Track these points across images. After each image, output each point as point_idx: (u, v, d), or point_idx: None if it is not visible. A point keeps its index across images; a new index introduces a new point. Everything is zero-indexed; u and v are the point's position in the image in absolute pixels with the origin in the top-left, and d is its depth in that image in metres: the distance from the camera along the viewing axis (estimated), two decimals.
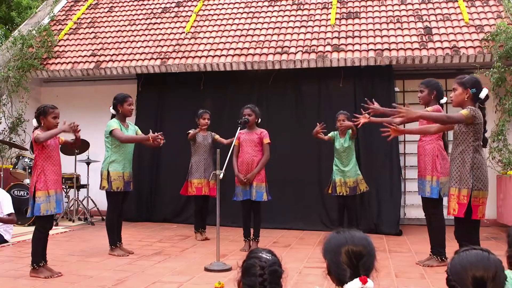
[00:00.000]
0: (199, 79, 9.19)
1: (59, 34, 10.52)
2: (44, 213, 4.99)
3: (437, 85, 5.69)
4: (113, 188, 6.09)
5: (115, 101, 6.32)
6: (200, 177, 7.20)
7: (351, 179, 6.91)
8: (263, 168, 6.42)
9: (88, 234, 7.55)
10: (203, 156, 7.28)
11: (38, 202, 4.97)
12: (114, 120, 6.23)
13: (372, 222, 7.96)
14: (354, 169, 6.97)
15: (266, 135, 6.50)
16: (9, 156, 9.87)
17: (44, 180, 5.03)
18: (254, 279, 2.10)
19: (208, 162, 7.30)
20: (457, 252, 1.98)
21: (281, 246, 6.75)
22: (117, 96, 6.38)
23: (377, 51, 8.27)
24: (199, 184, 7.19)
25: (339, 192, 6.91)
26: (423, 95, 5.66)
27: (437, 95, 5.64)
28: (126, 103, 6.28)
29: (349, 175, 6.90)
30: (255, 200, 6.34)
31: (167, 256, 6.07)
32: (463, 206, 4.33)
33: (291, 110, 8.83)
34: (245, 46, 9.01)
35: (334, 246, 2.08)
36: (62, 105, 9.67)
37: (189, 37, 9.61)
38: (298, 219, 8.28)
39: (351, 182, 6.90)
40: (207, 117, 7.34)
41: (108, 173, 6.09)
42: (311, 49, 8.59)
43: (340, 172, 6.93)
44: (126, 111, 6.29)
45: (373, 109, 5.34)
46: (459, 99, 4.48)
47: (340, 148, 6.95)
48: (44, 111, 5.10)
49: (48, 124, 5.08)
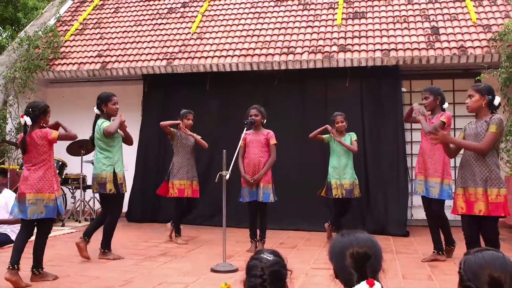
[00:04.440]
0: (205, 80, 9.21)
1: (65, 35, 10.57)
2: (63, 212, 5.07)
3: (440, 91, 5.97)
4: (124, 190, 6.02)
5: (99, 100, 6.06)
6: (182, 178, 7.04)
7: (348, 181, 6.89)
8: (270, 169, 6.42)
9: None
10: (186, 156, 7.12)
11: (59, 203, 4.95)
12: (104, 120, 5.99)
13: (378, 223, 7.94)
14: (351, 172, 6.96)
15: (273, 136, 6.49)
16: (16, 157, 9.93)
17: (57, 180, 5.01)
18: (254, 280, 2.11)
19: (191, 163, 7.15)
20: (470, 253, 1.96)
21: (287, 247, 6.75)
22: (100, 95, 6.13)
23: (384, 51, 8.26)
24: (181, 186, 7.03)
25: (335, 195, 6.88)
26: (429, 102, 5.88)
27: (441, 101, 5.89)
28: (110, 102, 6.03)
29: (346, 177, 6.89)
30: (261, 202, 6.34)
31: (173, 257, 6.07)
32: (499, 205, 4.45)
33: (297, 110, 8.83)
34: (251, 46, 9.02)
35: (338, 250, 2.08)
36: (68, 105, 9.80)
37: (195, 37, 9.63)
38: (304, 220, 8.26)
39: (348, 185, 6.88)
40: (191, 118, 7.21)
41: (114, 175, 5.94)
42: (317, 49, 8.59)
43: (336, 173, 6.91)
44: (111, 110, 6.04)
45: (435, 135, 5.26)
46: (477, 105, 4.67)
47: (340, 149, 6.94)
48: (45, 110, 5.00)
49: (45, 123, 5.02)
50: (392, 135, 8.32)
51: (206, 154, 8.41)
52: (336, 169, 6.95)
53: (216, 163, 7.63)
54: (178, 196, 7.03)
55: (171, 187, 7.05)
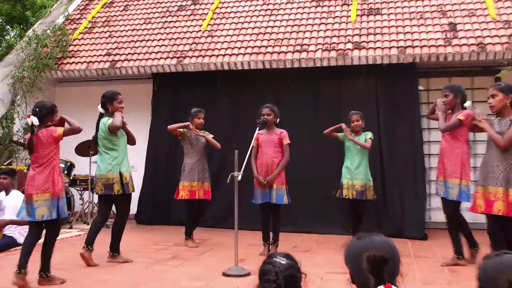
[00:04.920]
0: (216, 78, 9.18)
1: (74, 34, 10.61)
2: (64, 215, 5.00)
3: (461, 89, 5.88)
4: (131, 190, 5.98)
5: (104, 99, 6.03)
6: (193, 180, 7.03)
7: (360, 182, 6.85)
8: (283, 169, 6.38)
9: (102, 237, 7.54)
10: (197, 157, 7.10)
11: (62, 204, 4.92)
12: (107, 119, 5.97)
13: (395, 226, 7.85)
14: (365, 172, 6.92)
15: (286, 135, 6.45)
16: (24, 157, 9.98)
17: (61, 180, 4.99)
18: (268, 285, 2.09)
19: (203, 164, 7.14)
20: (489, 257, 1.93)
21: (301, 250, 6.69)
22: (105, 93, 6.10)
23: (400, 48, 8.18)
24: (193, 187, 7.01)
25: (345, 195, 6.88)
26: (449, 100, 5.80)
27: (462, 99, 5.81)
28: (116, 101, 6.00)
29: (358, 178, 6.86)
30: (275, 203, 6.30)
31: (184, 260, 6.05)
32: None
33: (310, 109, 8.77)
34: (263, 44, 8.98)
35: (354, 253, 2.05)
36: (77, 105, 9.82)
37: (205, 35, 9.62)
38: (319, 222, 8.21)
39: (359, 186, 6.84)
40: (202, 117, 7.18)
41: (121, 175, 5.91)
42: (331, 47, 8.54)
43: (349, 173, 6.90)
44: (116, 109, 6.00)
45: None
46: (501, 105, 4.75)
47: (354, 148, 6.92)
48: (52, 110, 5.01)
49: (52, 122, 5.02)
50: (409, 134, 8.23)
51: (217, 154, 8.39)
52: (349, 169, 6.93)
53: (228, 164, 7.61)
54: (189, 198, 7.01)
55: (181, 189, 7.03)
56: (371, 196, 6.98)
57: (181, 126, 7.07)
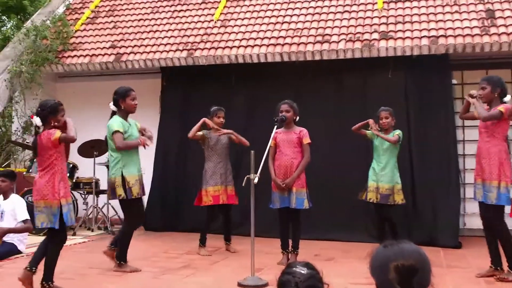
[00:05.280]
0: (229, 72, 9.23)
1: (75, 24, 10.72)
2: (70, 223, 5.05)
3: (501, 82, 5.76)
4: (134, 195, 6.01)
5: (116, 95, 6.12)
6: (216, 184, 7.12)
7: (386, 185, 6.85)
8: (303, 171, 6.40)
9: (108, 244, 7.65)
10: (218, 159, 7.21)
11: (66, 212, 4.96)
12: (116, 119, 6.07)
13: (426, 233, 7.84)
14: (391, 174, 6.90)
15: (306, 134, 6.47)
16: (23, 159, 10.10)
17: (64, 186, 5.03)
18: None
19: (225, 166, 7.25)
20: None
21: (323, 259, 6.72)
22: (118, 90, 6.19)
23: (432, 38, 8.16)
24: (216, 192, 7.10)
25: (369, 199, 6.91)
26: (486, 92, 5.70)
27: (501, 93, 5.70)
28: (129, 97, 6.11)
29: (383, 180, 6.85)
30: (294, 208, 6.33)
31: (196, 270, 6.11)
32: None
33: (333, 106, 8.77)
34: (281, 34, 9.00)
35: (381, 263, 2.05)
36: (79, 102, 9.93)
37: (218, 25, 9.67)
38: (342, 229, 8.21)
39: (384, 189, 6.83)
40: (222, 116, 7.28)
41: (123, 178, 5.98)
42: (356, 37, 8.54)
43: (374, 175, 6.93)
44: (129, 106, 6.12)
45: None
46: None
47: (380, 147, 6.93)
48: (54, 109, 5.01)
49: (58, 123, 5.03)
50: (441, 133, 8.21)
51: (232, 155, 8.41)
52: (375, 171, 6.95)
53: (244, 166, 7.66)
54: (213, 203, 7.10)
55: (204, 195, 7.12)
56: (400, 201, 6.96)
57: (199, 127, 7.15)
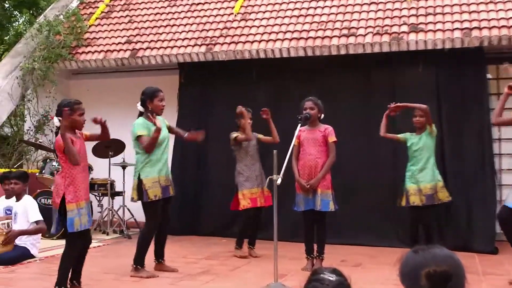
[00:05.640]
0: (251, 68, 9.26)
1: (90, 19, 10.82)
2: (78, 228, 5.03)
3: None
4: (150, 197, 6.09)
5: (144, 96, 6.29)
6: (252, 187, 7.24)
7: (428, 184, 6.74)
8: (329, 171, 6.41)
9: (124, 249, 7.73)
10: (252, 161, 7.34)
11: (71, 216, 5.00)
12: (141, 121, 6.21)
13: (460, 237, 7.82)
14: (431, 173, 6.80)
15: (332, 132, 6.48)
16: (35, 159, 10.22)
17: (73, 190, 5.06)
18: None
19: (258, 168, 7.38)
20: None
21: (350, 265, 6.72)
22: (145, 90, 6.35)
23: (465, 31, 8.11)
24: (253, 195, 7.22)
25: (412, 202, 6.74)
26: None
27: None
28: (156, 98, 6.26)
29: (424, 180, 6.74)
30: (319, 211, 6.34)
31: (216, 276, 6.15)
32: None
33: (359, 102, 8.78)
34: (305, 28, 9.01)
35: (412, 269, 2.04)
36: (93, 100, 10.00)
37: (238, 18, 9.70)
38: (370, 233, 8.21)
39: (427, 189, 6.73)
40: (249, 117, 7.36)
41: (139, 181, 6.10)
42: (384, 30, 8.52)
43: (413, 177, 6.80)
44: (156, 108, 6.26)
45: None
46: None
47: (414, 147, 6.87)
48: (68, 107, 5.09)
49: (74, 123, 5.13)
50: (476, 131, 8.16)
51: None
52: (413, 173, 6.82)
53: (266, 166, 7.67)
54: (252, 206, 7.20)
55: (241, 198, 7.20)
56: (445, 198, 6.84)
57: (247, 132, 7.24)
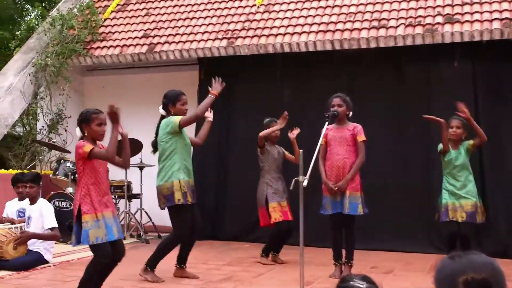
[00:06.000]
0: (274, 63, 9.25)
1: (105, 12, 10.89)
2: (93, 241, 4.93)
3: None
4: (189, 200, 6.16)
5: (166, 99, 6.35)
6: (282, 199, 7.26)
7: (470, 201, 6.42)
8: (358, 172, 6.38)
9: (142, 254, 7.75)
10: (279, 174, 7.38)
11: (86, 229, 4.92)
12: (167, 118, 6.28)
13: (500, 243, 7.76)
14: (473, 190, 6.50)
15: (361, 130, 6.44)
16: (49, 160, 10.31)
17: (90, 201, 4.99)
18: None
19: (282, 180, 7.37)
20: None
21: (381, 272, 6.70)
22: (168, 93, 6.41)
23: (504, 21, 8.02)
24: (284, 208, 7.23)
25: (452, 217, 6.42)
26: None
27: None
28: (179, 102, 6.32)
29: (467, 197, 6.43)
30: (348, 214, 6.31)
31: (239, 283, 6.15)
32: None
33: (390, 98, 8.74)
34: (332, 20, 8.98)
35: (448, 276, 2.01)
36: (109, 97, 10.01)
37: (261, 10, 9.69)
38: (401, 238, 8.17)
39: (469, 206, 6.41)
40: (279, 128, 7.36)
41: (180, 182, 6.13)
42: (417, 22, 8.46)
43: (453, 194, 6.48)
44: (179, 112, 6.29)
45: None
46: None
47: (451, 163, 6.54)
48: (86, 117, 5.05)
49: (92, 133, 5.05)
50: None
51: None
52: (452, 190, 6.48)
53: (291, 167, 7.66)
54: (284, 219, 7.20)
55: (272, 211, 7.20)
56: (480, 220, 6.52)
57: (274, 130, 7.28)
